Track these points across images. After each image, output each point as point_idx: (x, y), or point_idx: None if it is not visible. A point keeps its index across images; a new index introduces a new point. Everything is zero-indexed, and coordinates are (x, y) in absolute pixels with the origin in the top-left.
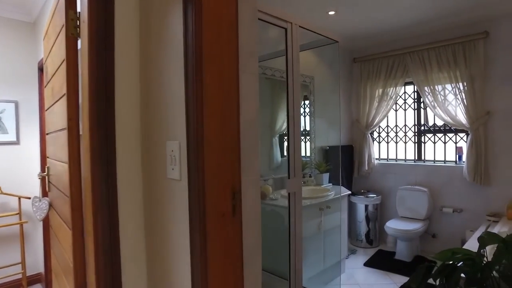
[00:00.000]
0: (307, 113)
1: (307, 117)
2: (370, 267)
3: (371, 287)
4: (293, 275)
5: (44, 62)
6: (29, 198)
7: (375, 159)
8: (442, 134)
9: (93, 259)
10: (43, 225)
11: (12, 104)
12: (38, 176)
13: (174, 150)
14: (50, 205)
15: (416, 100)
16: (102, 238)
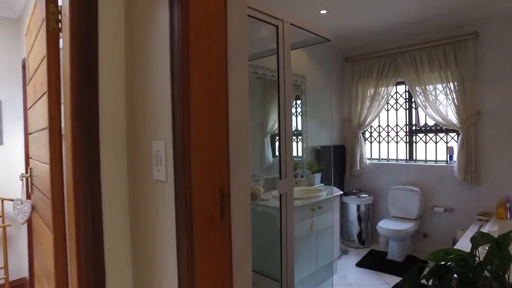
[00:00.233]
0: (299, 113)
1: (298, 117)
2: (362, 267)
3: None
4: (285, 277)
5: (26, 59)
6: (13, 200)
7: (367, 159)
8: (433, 134)
9: (76, 265)
10: (28, 229)
11: None
12: (20, 177)
13: (160, 150)
14: (32, 208)
15: (407, 100)
16: (85, 242)
